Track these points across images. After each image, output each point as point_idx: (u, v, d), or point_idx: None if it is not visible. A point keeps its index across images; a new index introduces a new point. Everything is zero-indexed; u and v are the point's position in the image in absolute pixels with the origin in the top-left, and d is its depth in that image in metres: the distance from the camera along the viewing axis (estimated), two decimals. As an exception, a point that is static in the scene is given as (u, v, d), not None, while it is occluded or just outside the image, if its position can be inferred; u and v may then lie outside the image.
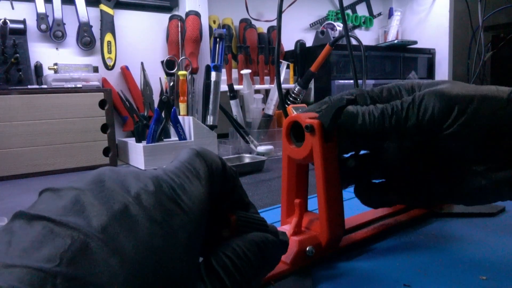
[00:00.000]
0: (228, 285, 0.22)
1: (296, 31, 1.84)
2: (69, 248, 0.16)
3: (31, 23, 1.22)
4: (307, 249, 0.34)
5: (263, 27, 1.61)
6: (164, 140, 1.16)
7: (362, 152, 0.39)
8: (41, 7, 1.21)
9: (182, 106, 1.23)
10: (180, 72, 1.24)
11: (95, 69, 1.30)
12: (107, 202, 0.18)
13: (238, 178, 0.27)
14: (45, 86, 1.14)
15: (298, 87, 1.22)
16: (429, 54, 1.93)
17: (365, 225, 0.42)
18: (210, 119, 1.20)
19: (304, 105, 1.16)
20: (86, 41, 1.29)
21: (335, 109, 0.32)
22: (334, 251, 0.37)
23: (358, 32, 2.04)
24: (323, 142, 0.33)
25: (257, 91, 1.49)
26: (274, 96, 1.36)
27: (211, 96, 1.19)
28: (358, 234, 0.40)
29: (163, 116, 1.14)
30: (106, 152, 1.14)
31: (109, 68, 1.33)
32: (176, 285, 0.19)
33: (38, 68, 1.22)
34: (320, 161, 0.33)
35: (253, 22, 1.55)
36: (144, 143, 1.10)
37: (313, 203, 0.37)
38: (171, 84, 1.27)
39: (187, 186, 0.22)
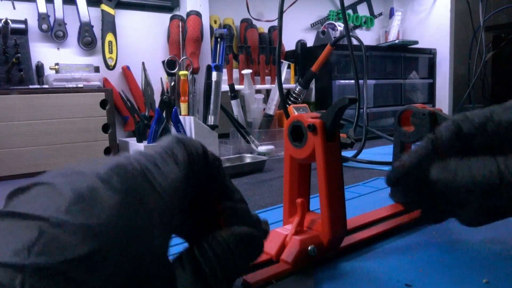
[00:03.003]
0: (208, 274, 0.22)
1: (297, 31, 1.83)
2: (36, 239, 0.16)
3: (33, 23, 1.22)
4: (309, 248, 0.34)
5: (264, 27, 1.61)
6: (165, 140, 1.15)
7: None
8: (42, 7, 1.21)
9: (183, 106, 1.23)
10: (181, 72, 1.24)
11: (96, 69, 1.30)
12: (75, 188, 0.18)
13: (222, 165, 0.27)
14: (46, 86, 1.14)
15: (299, 87, 1.22)
16: (430, 54, 1.93)
17: (367, 225, 0.42)
18: (211, 119, 1.20)
19: (305, 105, 1.16)
20: (87, 41, 1.29)
21: (337, 109, 0.32)
22: (336, 251, 0.37)
23: (359, 32, 2.04)
24: (325, 142, 0.33)
25: (258, 91, 1.49)
26: (275, 96, 1.36)
27: (212, 96, 1.19)
28: (360, 235, 0.40)
29: (164, 116, 1.14)
30: (107, 152, 1.14)
31: (110, 68, 1.33)
32: (147, 263, 0.19)
33: (40, 68, 1.22)
34: (322, 160, 0.33)
35: (254, 22, 1.55)
36: (145, 143, 1.10)
37: (316, 203, 0.37)
38: (172, 84, 1.27)
39: (163, 168, 0.22)
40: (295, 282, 0.32)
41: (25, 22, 1.19)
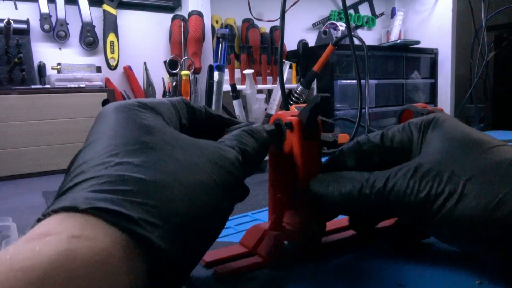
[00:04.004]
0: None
1: (298, 31, 1.83)
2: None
3: (35, 23, 1.22)
4: (284, 243, 0.34)
5: (265, 27, 1.61)
6: (167, 140, 1.15)
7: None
8: (44, 7, 1.21)
9: (185, 106, 1.23)
10: (183, 72, 1.24)
11: (98, 69, 1.30)
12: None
13: (208, 109, 0.34)
14: (48, 86, 1.14)
15: (300, 87, 1.21)
16: (432, 54, 1.93)
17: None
18: (212, 119, 1.20)
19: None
20: (89, 41, 1.29)
21: (310, 108, 0.32)
22: (317, 249, 0.36)
23: (360, 32, 2.04)
24: (302, 140, 0.33)
25: (260, 91, 1.49)
26: (276, 96, 1.36)
27: (214, 96, 1.19)
28: (348, 233, 0.40)
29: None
30: (109, 152, 1.14)
31: (112, 68, 1.33)
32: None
33: (41, 68, 1.22)
34: (298, 158, 0.33)
35: (256, 22, 1.55)
36: (146, 143, 1.10)
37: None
38: (174, 84, 1.27)
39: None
40: (265, 275, 0.33)
41: (27, 22, 1.19)
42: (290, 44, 1.65)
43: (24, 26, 1.18)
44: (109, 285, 0.17)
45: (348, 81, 1.59)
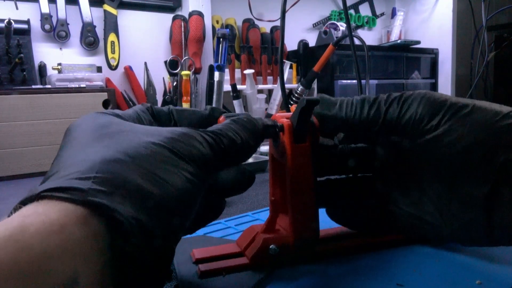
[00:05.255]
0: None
1: (299, 31, 1.83)
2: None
3: (35, 23, 1.22)
4: (270, 247, 0.34)
5: (266, 27, 1.61)
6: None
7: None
8: (45, 7, 1.22)
9: (185, 106, 1.23)
10: (183, 72, 1.24)
11: (99, 69, 1.30)
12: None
13: (174, 110, 0.34)
14: (48, 86, 1.14)
15: (301, 87, 1.21)
16: (432, 54, 1.93)
17: (355, 235, 0.40)
18: (213, 119, 1.20)
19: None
20: (90, 41, 1.29)
21: (299, 111, 0.32)
22: (310, 255, 0.36)
23: (361, 32, 2.04)
24: (292, 143, 0.33)
25: (260, 91, 1.49)
26: (277, 96, 1.36)
27: (214, 96, 1.19)
28: (345, 243, 0.39)
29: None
30: (109, 151, 1.14)
31: (112, 68, 1.33)
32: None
33: (42, 68, 1.22)
34: (289, 161, 0.33)
35: (256, 22, 1.55)
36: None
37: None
38: (174, 84, 1.27)
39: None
40: (244, 276, 0.33)
41: (27, 22, 1.19)
42: (291, 44, 1.65)
43: (25, 26, 1.18)
44: (67, 252, 0.17)
45: (349, 81, 1.59)
